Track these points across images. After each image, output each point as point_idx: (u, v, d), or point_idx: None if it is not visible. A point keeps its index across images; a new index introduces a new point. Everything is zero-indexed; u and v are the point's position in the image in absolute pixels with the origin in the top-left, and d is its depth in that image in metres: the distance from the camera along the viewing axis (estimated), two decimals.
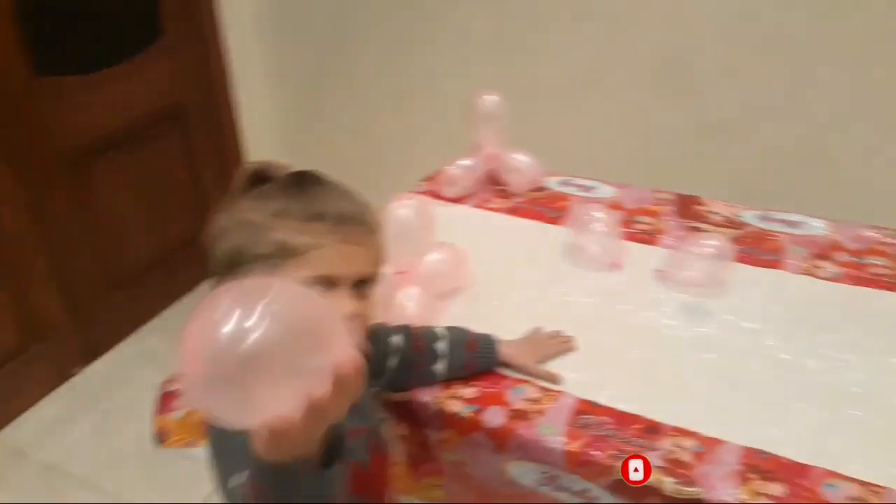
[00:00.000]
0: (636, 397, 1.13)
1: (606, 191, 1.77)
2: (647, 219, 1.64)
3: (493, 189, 1.79)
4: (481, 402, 1.12)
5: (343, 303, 0.77)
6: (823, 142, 2.04)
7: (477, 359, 1.16)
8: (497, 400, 1.13)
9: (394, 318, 1.21)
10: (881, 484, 0.96)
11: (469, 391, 1.14)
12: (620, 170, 2.16)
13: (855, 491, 0.95)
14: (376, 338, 1.04)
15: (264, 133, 2.89)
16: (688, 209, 1.67)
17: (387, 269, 1.27)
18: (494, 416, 1.09)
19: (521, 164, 1.78)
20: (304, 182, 0.81)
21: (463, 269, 1.40)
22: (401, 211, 1.27)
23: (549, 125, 2.31)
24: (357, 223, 0.80)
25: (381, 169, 2.66)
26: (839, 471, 0.99)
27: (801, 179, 2.06)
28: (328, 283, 0.77)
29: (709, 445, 1.04)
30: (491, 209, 1.72)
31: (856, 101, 1.97)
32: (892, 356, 1.21)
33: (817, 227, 1.58)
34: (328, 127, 2.87)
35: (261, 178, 0.81)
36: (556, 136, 2.30)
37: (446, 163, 1.78)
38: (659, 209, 1.68)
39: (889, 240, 1.52)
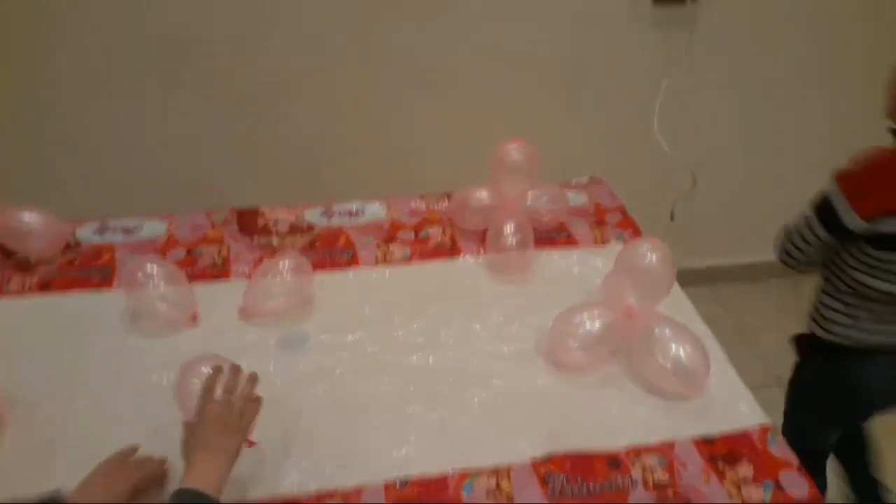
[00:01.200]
0: (254, 477, 0.99)
1: (152, 227, 1.52)
2: (210, 249, 1.47)
3: (7, 264, 1.39)
4: None
5: None
6: (360, 115, 2.08)
7: None
8: None
9: None
10: (508, 462, 1.02)
11: None
12: (161, 190, 1.92)
13: (487, 482, 0.99)
14: None
15: None
16: (250, 224, 1.54)
17: None
18: None
19: (33, 223, 1.40)
20: None
21: None
22: None
23: (58, 161, 1.90)
24: None
25: None
26: (470, 466, 1.02)
27: (345, 154, 2.09)
28: None
29: (352, 499, 0.97)
30: (11, 294, 1.33)
31: (380, 72, 2.02)
32: (474, 322, 1.30)
33: (376, 210, 1.61)
34: None
35: None
36: (72, 173, 1.91)
37: None
38: (220, 233, 1.51)
39: (435, 206, 1.63)
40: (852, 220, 1.23)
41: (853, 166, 1.25)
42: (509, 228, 1.43)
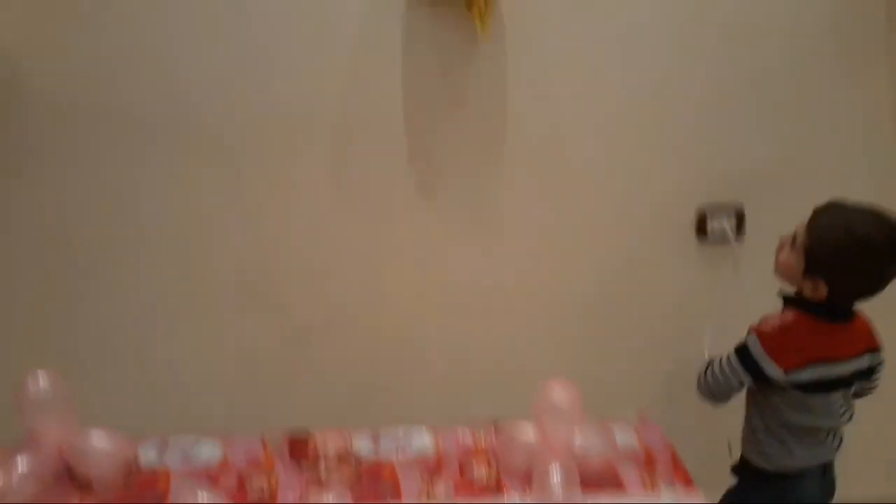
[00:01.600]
0: None
1: (210, 450, 1.58)
2: (261, 476, 1.50)
3: (70, 485, 1.45)
4: None
5: None
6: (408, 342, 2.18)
7: None
8: None
9: None
10: None
11: None
12: (227, 408, 2.02)
13: None
14: None
15: None
16: (301, 450, 1.59)
17: None
18: None
19: (102, 444, 1.48)
20: None
21: None
22: None
23: (132, 377, 2.05)
24: None
25: None
26: None
27: (396, 379, 2.16)
28: None
29: None
30: None
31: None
32: None
33: (423, 441, 1.63)
34: None
35: None
36: (147, 388, 2.05)
37: None
38: (272, 460, 1.56)
39: (481, 436, 1.65)
40: (774, 372, 1.52)
41: (769, 325, 1.55)
42: (555, 475, 1.42)
